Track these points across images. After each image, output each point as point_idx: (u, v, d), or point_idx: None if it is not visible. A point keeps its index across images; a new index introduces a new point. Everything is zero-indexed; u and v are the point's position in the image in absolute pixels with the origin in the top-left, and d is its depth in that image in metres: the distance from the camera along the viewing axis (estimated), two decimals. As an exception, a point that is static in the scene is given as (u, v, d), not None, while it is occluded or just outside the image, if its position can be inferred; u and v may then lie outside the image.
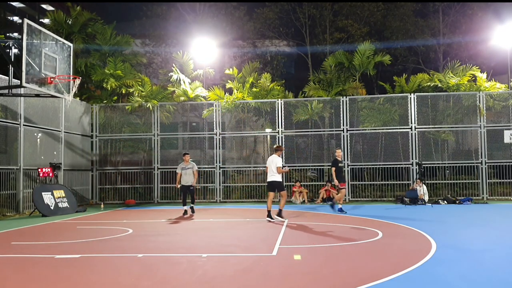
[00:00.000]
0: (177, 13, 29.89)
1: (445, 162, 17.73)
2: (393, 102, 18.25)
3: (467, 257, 6.71)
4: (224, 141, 19.33)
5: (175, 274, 5.82)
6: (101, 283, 5.40)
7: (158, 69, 26.99)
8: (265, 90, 19.22)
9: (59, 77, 12.61)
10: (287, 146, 18.09)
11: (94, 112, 19.07)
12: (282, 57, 31.12)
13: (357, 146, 18.41)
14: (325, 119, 18.94)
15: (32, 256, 7.15)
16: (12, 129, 14.23)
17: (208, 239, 8.75)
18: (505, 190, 17.27)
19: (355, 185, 18.05)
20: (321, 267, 6.09)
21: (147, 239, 8.91)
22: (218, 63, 24.79)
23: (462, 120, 18.08)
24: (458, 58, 23.26)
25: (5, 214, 13.75)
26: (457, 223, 11.03)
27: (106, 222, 11.97)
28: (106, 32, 20.13)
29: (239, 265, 6.25)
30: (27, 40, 11.35)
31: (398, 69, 28.32)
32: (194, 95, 19.28)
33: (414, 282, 5.21)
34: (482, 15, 28.03)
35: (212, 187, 18.63)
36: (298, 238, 8.77)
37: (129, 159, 19.60)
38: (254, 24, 30.31)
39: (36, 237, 9.59)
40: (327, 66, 19.95)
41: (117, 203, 18.31)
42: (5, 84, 12.87)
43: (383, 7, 29.66)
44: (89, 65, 19.68)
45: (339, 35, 29.43)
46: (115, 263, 6.62)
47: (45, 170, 14.53)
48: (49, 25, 20.61)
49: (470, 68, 18.39)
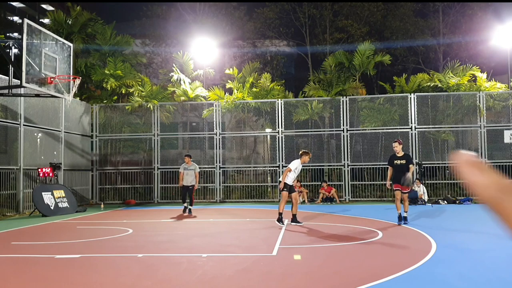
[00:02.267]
0: (177, 13, 29.90)
1: (445, 162, 17.73)
2: (393, 102, 18.25)
3: (467, 257, 6.71)
4: (224, 141, 19.33)
5: (175, 274, 5.82)
6: (101, 283, 5.40)
7: (158, 69, 26.98)
8: (265, 90, 19.22)
9: (59, 77, 12.61)
10: (287, 146, 18.10)
11: (94, 112, 19.07)
12: (282, 57, 31.12)
13: (357, 146, 18.42)
14: (325, 119, 18.94)
15: (32, 256, 7.15)
16: (12, 129, 14.23)
17: (208, 239, 8.74)
18: (505, 190, 17.24)
19: (355, 185, 18.05)
20: (321, 267, 6.09)
21: (147, 239, 8.91)
22: (218, 63, 24.78)
23: (462, 120, 18.08)
24: (458, 58, 23.24)
25: (5, 214, 13.75)
26: (457, 223, 11.03)
27: (106, 222, 11.97)
28: (106, 32, 20.14)
29: (239, 265, 6.25)
30: (27, 40, 11.35)
31: (398, 69, 28.31)
32: (194, 95, 19.28)
33: (414, 282, 5.21)
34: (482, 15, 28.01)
35: (212, 187, 18.62)
36: (298, 238, 8.76)
37: (129, 159, 19.60)
38: (254, 24, 30.33)
39: (36, 237, 9.59)
40: (327, 66, 19.94)
41: (117, 203, 18.31)
42: (5, 84, 12.86)
43: (383, 7, 29.66)
44: (89, 65, 19.68)
45: (339, 35, 29.43)
46: (115, 263, 6.62)
47: (45, 170, 14.53)
48: (49, 25, 20.62)
49: (470, 68, 18.38)
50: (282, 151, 18.00)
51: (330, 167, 18.56)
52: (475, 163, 0.44)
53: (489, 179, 0.42)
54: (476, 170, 0.43)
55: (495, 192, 0.41)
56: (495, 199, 0.41)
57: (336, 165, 18.20)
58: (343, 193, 17.76)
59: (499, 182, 0.42)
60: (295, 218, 10.40)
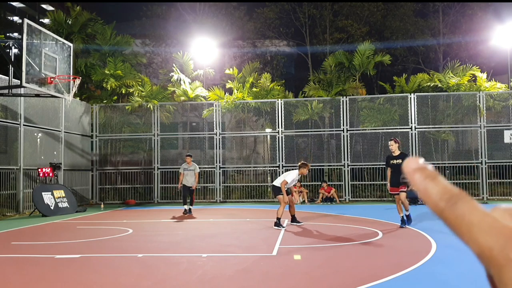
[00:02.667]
0: (177, 13, 29.89)
1: (445, 162, 17.73)
2: (393, 102, 18.25)
3: (467, 257, 6.71)
4: (224, 141, 19.33)
5: (175, 274, 5.82)
6: (101, 283, 5.40)
7: (158, 69, 26.97)
8: (265, 90, 19.22)
9: (59, 77, 12.61)
10: (287, 146, 18.10)
11: (94, 112, 19.07)
12: (282, 57, 31.12)
13: (357, 146, 18.42)
14: (325, 119, 18.94)
15: (32, 256, 7.15)
16: (12, 129, 14.23)
17: (208, 239, 8.74)
18: (505, 190, 17.26)
19: (355, 185, 18.05)
20: (321, 267, 6.09)
21: (147, 239, 8.91)
22: (218, 63, 24.79)
23: (462, 120, 18.08)
24: (458, 58, 23.24)
25: (5, 214, 13.75)
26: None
27: (106, 222, 11.97)
28: (106, 32, 20.14)
29: (239, 265, 6.25)
30: (27, 40, 11.35)
31: (398, 69, 28.30)
32: (194, 95, 19.28)
33: (414, 282, 5.21)
34: (482, 15, 28.01)
35: (212, 187, 18.62)
36: (298, 238, 8.76)
37: (129, 159, 19.60)
38: (254, 24, 30.32)
39: (36, 237, 9.59)
40: (327, 66, 19.94)
41: (117, 203, 18.31)
42: (5, 84, 12.86)
43: (383, 7, 29.65)
44: (89, 65, 19.68)
45: (339, 35, 29.43)
46: (115, 263, 6.62)
47: (45, 170, 14.53)
48: (49, 25, 20.61)
49: (470, 68, 18.38)
50: (282, 151, 17.99)
51: (330, 167, 18.56)
52: (425, 170, 0.42)
53: (438, 187, 0.41)
54: (426, 178, 0.42)
55: (445, 201, 0.40)
56: (445, 208, 0.39)
57: (336, 165, 18.20)
58: (343, 193, 17.76)
59: (448, 190, 0.41)
60: (295, 218, 10.34)
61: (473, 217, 0.38)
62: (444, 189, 0.41)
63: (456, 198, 0.40)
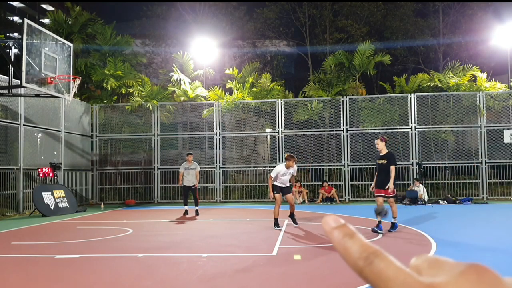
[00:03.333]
0: (177, 13, 29.89)
1: (445, 162, 17.73)
2: (393, 102, 18.25)
3: (467, 257, 6.70)
4: (224, 141, 19.33)
5: (175, 274, 5.82)
6: (101, 283, 5.40)
7: (158, 69, 26.98)
8: (265, 90, 19.22)
9: (59, 77, 12.61)
10: (287, 146, 18.10)
11: (94, 112, 19.07)
12: (282, 57, 31.12)
13: (357, 146, 18.42)
14: (325, 119, 18.94)
15: (32, 256, 7.15)
16: (12, 129, 14.23)
17: (208, 239, 8.74)
18: (505, 190, 17.26)
19: (355, 185, 18.05)
20: (321, 267, 6.09)
21: (147, 239, 8.90)
22: (218, 63, 24.80)
23: (462, 120, 18.08)
24: (458, 58, 23.25)
25: (5, 214, 13.75)
26: (457, 223, 11.03)
27: (106, 222, 11.97)
28: (106, 32, 20.14)
29: (239, 265, 6.25)
30: (27, 40, 11.35)
31: (398, 69, 28.30)
32: (194, 95, 19.28)
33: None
34: (482, 15, 28.01)
35: (212, 187, 18.62)
36: (298, 238, 8.76)
37: (129, 159, 19.60)
38: (254, 24, 30.31)
39: (36, 237, 9.59)
40: (327, 66, 19.95)
41: (117, 203, 18.31)
42: (5, 84, 12.87)
43: (383, 7, 29.64)
44: (89, 65, 19.68)
45: (339, 35, 29.42)
46: (115, 263, 6.62)
47: (45, 170, 14.53)
48: (49, 25, 20.61)
49: (470, 68, 18.38)
50: (282, 151, 17.99)
51: (330, 167, 18.56)
52: (344, 228, 0.43)
53: (356, 245, 0.41)
54: (345, 236, 0.42)
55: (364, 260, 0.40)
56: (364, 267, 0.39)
57: (336, 165, 18.20)
58: (343, 193, 17.76)
59: (366, 248, 0.41)
60: (293, 216, 10.20)
61: (389, 272, 0.39)
62: (362, 247, 0.41)
63: (373, 255, 0.40)
